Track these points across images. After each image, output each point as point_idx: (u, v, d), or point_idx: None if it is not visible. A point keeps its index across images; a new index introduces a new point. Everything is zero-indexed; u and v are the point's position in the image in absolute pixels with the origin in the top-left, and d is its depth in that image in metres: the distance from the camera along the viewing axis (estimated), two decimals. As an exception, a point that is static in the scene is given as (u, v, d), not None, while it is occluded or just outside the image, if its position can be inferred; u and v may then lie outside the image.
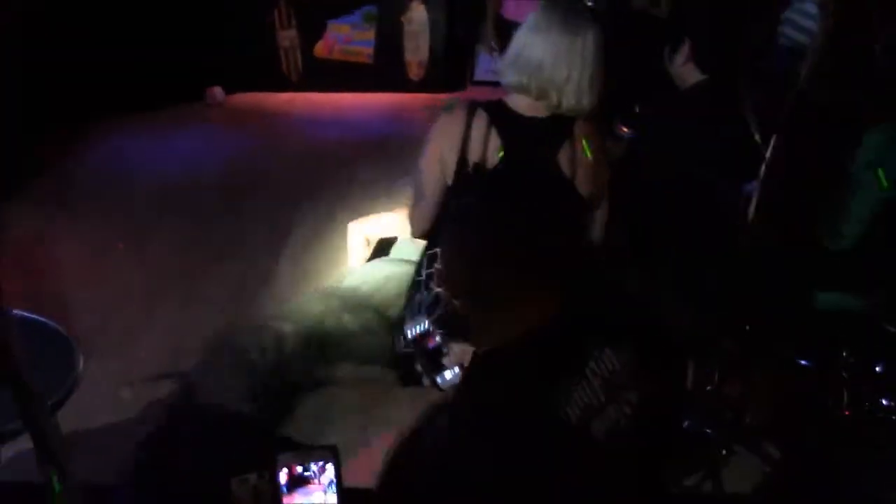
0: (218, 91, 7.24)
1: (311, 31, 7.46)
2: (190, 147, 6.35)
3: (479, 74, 7.75)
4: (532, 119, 3.10)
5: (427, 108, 6.86)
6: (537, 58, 3.04)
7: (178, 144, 6.38)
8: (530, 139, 3.11)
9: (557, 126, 3.10)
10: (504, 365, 2.07)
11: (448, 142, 3.12)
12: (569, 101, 3.06)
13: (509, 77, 3.12)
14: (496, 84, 7.32)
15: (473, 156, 3.09)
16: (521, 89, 3.10)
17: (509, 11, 6.19)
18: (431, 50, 7.48)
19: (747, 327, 3.44)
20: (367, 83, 7.45)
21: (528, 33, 3.09)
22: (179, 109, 6.89)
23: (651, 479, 2.14)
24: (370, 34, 7.47)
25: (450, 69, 7.64)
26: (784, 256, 3.50)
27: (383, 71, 7.48)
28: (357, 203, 5.21)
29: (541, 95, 3.07)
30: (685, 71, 3.75)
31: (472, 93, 7.55)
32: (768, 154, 3.22)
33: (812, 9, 4.37)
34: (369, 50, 7.50)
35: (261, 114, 7.08)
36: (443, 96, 7.28)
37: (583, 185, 3.13)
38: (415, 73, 7.53)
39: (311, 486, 2.32)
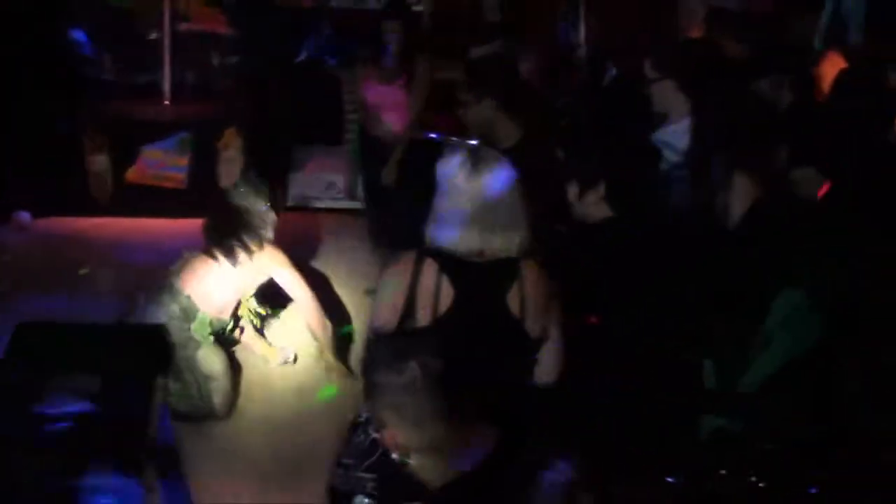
0: (23, 215, 7.05)
1: (124, 156, 7.42)
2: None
3: (292, 199, 7.87)
4: (481, 264, 3.13)
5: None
6: (462, 213, 3.09)
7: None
8: (481, 285, 3.14)
9: (505, 267, 3.14)
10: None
11: (397, 292, 3.14)
12: (503, 245, 3.12)
13: (442, 241, 3.14)
14: (307, 209, 7.59)
15: (422, 304, 3.11)
16: (457, 245, 3.12)
17: (370, 95, 6.44)
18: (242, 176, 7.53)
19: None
20: (181, 209, 7.42)
21: (445, 192, 3.15)
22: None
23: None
24: (184, 160, 7.49)
25: (263, 196, 7.70)
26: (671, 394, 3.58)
27: (197, 196, 7.47)
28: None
29: (479, 249, 3.12)
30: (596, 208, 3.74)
31: (286, 217, 7.64)
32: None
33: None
34: (182, 175, 7.50)
35: (67, 239, 6.93)
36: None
37: (532, 326, 3.17)
38: (228, 199, 7.55)
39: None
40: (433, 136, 6.50)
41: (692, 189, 4.26)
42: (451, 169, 3.16)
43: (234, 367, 5.37)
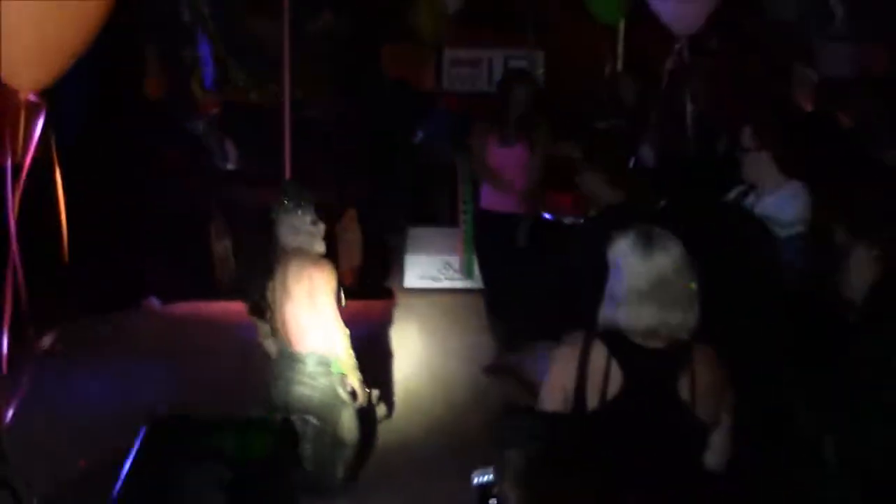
0: (154, 301, 7.34)
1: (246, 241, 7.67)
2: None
3: (409, 282, 8.03)
4: (652, 349, 3.14)
5: (361, 314, 7.09)
6: (640, 293, 3.11)
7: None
8: (652, 371, 3.14)
9: (676, 352, 3.15)
10: None
11: (565, 372, 3.15)
12: (683, 324, 3.12)
13: (620, 320, 3.14)
14: (425, 290, 7.71)
15: (592, 389, 3.11)
16: (636, 329, 3.13)
17: (491, 158, 6.55)
18: (364, 258, 7.73)
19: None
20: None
21: (620, 272, 3.17)
22: (117, 318, 6.96)
23: None
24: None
25: (382, 277, 7.90)
26: None
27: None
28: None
29: (655, 329, 3.12)
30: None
31: (404, 299, 7.80)
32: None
33: None
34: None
35: (197, 322, 7.18)
36: (376, 303, 7.47)
37: (702, 411, 3.15)
38: (348, 281, 7.72)
39: None
40: (548, 216, 6.62)
41: (808, 263, 4.21)
42: (625, 249, 3.18)
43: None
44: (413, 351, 6.89)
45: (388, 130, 8.59)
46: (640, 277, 3.12)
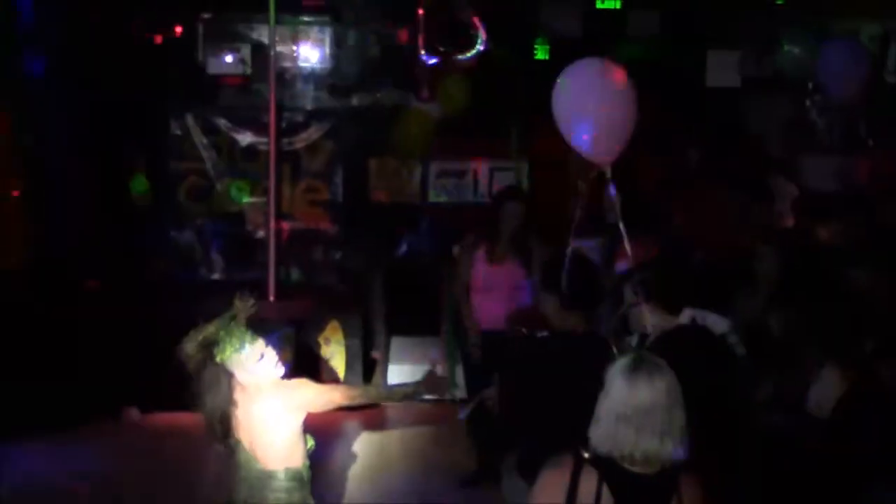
0: (134, 411, 7.29)
1: (229, 352, 7.64)
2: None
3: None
4: (644, 476, 3.13)
5: (345, 424, 7.08)
6: (623, 416, 3.11)
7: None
8: (643, 499, 3.15)
9: (666, 481, 3.14)
10: None
11: (555, 495, 3.14)
12: (661, 453, 3.11)
13: (600, 441, 3.15)
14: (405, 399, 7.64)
15: None
16: (615, 447, 3.13)
17: (479, 276, 6.52)
18: (346, 370, 7.70)
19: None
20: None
21: (612, 403, 3.16)
22: (95, 429, 6.91)
23: None
24: (287, 355, 7.65)
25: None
26: None
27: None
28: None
29: (646, 459, 3.12)
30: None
31: (385, 408, 7.75)
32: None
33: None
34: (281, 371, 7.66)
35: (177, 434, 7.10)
36: (354, 416, 7.41)
37: None
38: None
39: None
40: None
41: (775, 384, 4.20)
42: (614, 371, 3.20)
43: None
44: (393, 462, 6.85)
45: (372, 242, 8.69)
46: (621, 401, 3.13)
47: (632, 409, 3.11)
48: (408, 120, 8.45)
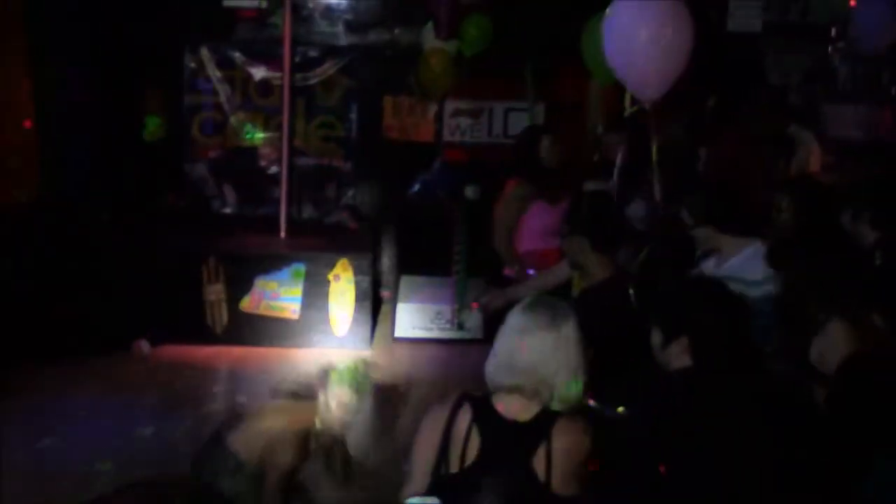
0: (144, 344, 7.31)
1: (239, 286, 7.66)
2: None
3: (399, 332, 7.99)
4: (513, 422, 3.17)
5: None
6: (530, 360, 3.14)
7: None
8: (508, 442, 3.16)
9: (537, 429, 3.15)
10: None
11: (432, 432, 3.20)
12: (559, 395, 3.15)
13: (502, 379, 3.19)
14: (416, 340, 7.68)
15: (453, 451, 3.16)
16: (515, 390, 3.17)
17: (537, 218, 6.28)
18: (356, 308, 7.70)
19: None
20: (292, 339, 7.60)
21: (514, 336, 3.20)
22: (105, 361, 6.92)
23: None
24: (297, 291, 7.68)
25: (372, 327, 7.87)
26: None
27: (308, 327, 7.64)
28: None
29: (534, 394, 3.15)
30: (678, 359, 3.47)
31: (394, 349, 7.76)
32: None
33: None
34: (295, 306, 7.69)
35: (186, 367, 7.14)
36: (366, 352, 7.42)
37: (559, 487, 3.13)
38: (339, 330, 7.70)
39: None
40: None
41: (780, 335, 4.13)
42: (517, 310, 3.26)
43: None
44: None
45: (385, 180, 8.66)
46: (518, 337, 3.19)
47: (517, 350, 3.17)
48: (425, 58, 8.34)
